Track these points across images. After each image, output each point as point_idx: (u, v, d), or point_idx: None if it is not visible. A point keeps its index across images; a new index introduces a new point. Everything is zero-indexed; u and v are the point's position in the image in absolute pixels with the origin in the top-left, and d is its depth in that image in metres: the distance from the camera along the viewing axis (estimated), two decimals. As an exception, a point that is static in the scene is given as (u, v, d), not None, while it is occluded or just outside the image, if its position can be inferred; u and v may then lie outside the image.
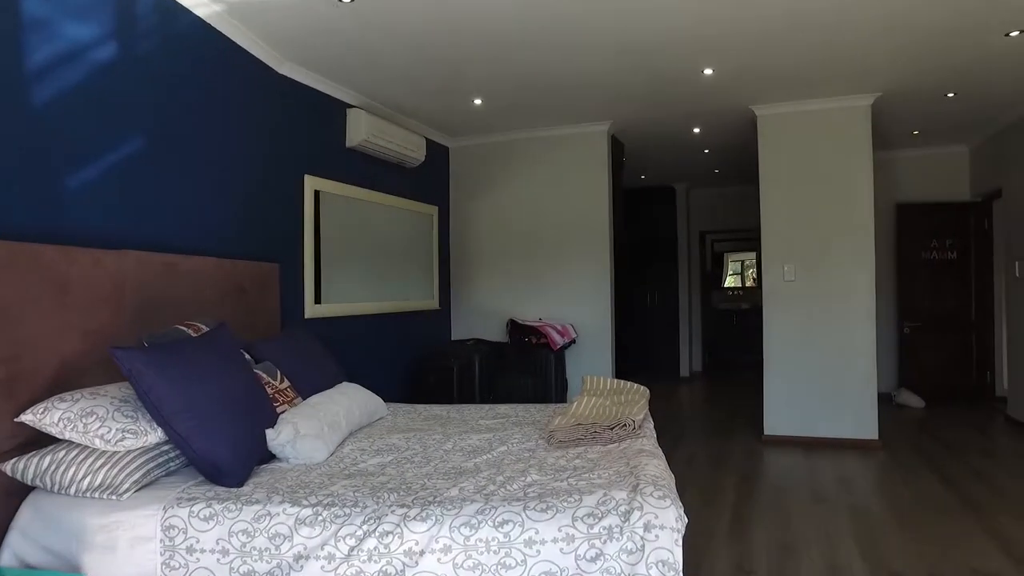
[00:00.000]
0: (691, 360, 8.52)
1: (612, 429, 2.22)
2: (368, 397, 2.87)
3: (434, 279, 5.49)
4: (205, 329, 2.50)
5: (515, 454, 2.20)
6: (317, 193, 4.10)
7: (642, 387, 2.91)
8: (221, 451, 1.88)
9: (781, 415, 4.73)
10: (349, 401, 2.63)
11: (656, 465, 1.84)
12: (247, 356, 2.64)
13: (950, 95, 4.47)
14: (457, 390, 4.76)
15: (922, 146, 6.13)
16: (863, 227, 4.53)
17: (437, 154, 5.56)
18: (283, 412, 2.40)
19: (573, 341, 5.18)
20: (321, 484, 1.91)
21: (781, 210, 4.75)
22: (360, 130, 4.34)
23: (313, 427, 2.27)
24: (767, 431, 4.78)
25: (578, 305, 5.31)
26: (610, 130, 5.27)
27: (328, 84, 4.14)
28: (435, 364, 4.86)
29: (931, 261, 6.12)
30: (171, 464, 1.96)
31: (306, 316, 3.98)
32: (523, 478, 1.86)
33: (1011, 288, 5.21)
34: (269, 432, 2.19)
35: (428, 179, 5.43)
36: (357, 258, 4.56)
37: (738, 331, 10.42)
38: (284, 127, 3.81)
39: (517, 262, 5.53)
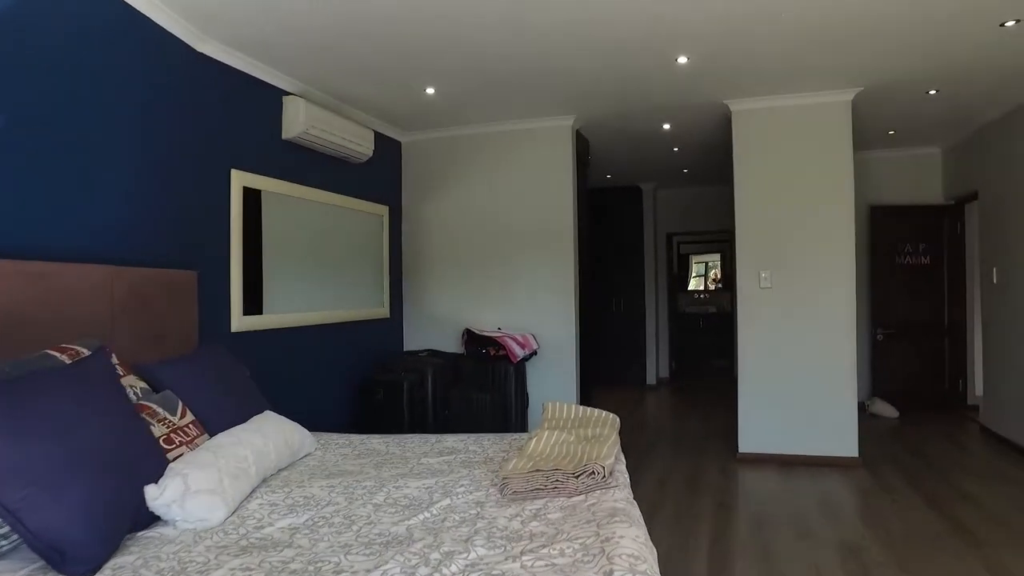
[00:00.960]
0: (658, 367, 8.24)
1: (577, 477, 1.84)
2: (291, 431, 2.43)
3: (384, 285, 5.05)
4: (86, 353, 2.03)
5: (460, 511, 1.79)
6: (247, 190, 3.62)
7: (612, 416, 2.54)
8: (68, 527, 1.43)
9: (756, 431, 4.44)
10: (263, 440, 2.19)
11: (634, 537, 1.46)
12: (141, 386, 2.18)
13: (932, 92, 4.23)
14: (408, 408, 4.33)
15: (896, 147, 5.94)
16: (844, 231, 4.26)
17: (387, 149, 5.12)
18: (178, 458, 1.95)
19: (534, 352, 4.80)
20: (204, 566, 1.47)
21: (757, 212, 4.45)
22: (298, 120, 3.87)
23: (209, 479, 1.82)
24: (742, 448, 4.47)
25: (541, 312, 4.93)
26: (575, 125, 4.90)
27: (260, 68, 3.67)
28: (384, 379, 4.41)
29: (904, 266, 5.93)
30: (2, 544, 1.50)
31: (233, 330, 3.50)
32: (465, 555, 1.46)
33: (988, 295, 5.02)
34: (150, 489, 1.73)
35: (378, 176, 4.98)
36: (296, 263, 4.09)
37: (705, 336, 10.21)
38: (205, 114, 3.33)
39: (475, 266, 5.12)
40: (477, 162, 5.12)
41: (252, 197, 3.71)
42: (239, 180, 3.55)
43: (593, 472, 1.83)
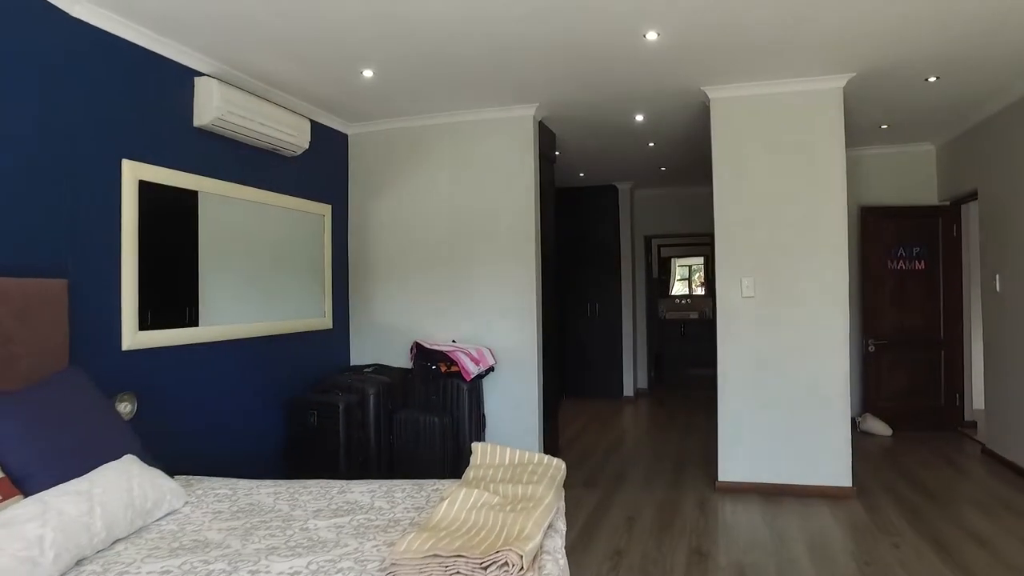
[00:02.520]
0: (636, 377, 7.76)
1: (486, 569, 1.34)
2: (145, 485, 1.90)
3: (326, 293, 4.52)
4: None
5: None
6: (145, 185, 3.09)
7: (555, 463, 2.06)
8: None
9: (739, 458, 3.96)
10: (89, 505, 1.66)
11: None
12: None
13: (932, 79, 3.79)
14: (344, 434, 3.81)
15: (887, 143, 5.51)
16: (835, 234, 3.80)
17: (330, 142, 4.60)
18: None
19: (491, 368, 4.29)
20: None
21: (738, 213, 3.99)
22: (211, 105, 3.34)
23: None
24: (722, 476, 3.99)
25: (500, 322, 4.43)
26: (537, 115, 4.41)
27: (165, 44, 3.14)
28: (317, 400, 3.89)
29: (897, 271, 5.50)
30: None
31: (125, 348, 2.96)
32: None
33: (989, 304, 4.59)
34: None
35: (318, 172, 4.45)
36: (215, 269, 3.56)
37: (687, 343, 9.77)
38: (87, 95, 2.80)
39: (429, 272, 4.61)
40: (430, 156, 4.61)
41: (164, 194, 3.19)
42: (133, 172, 3.01)
43: (507, 564, 1.33)
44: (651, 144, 5.46)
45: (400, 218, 4.68)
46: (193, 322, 3.42)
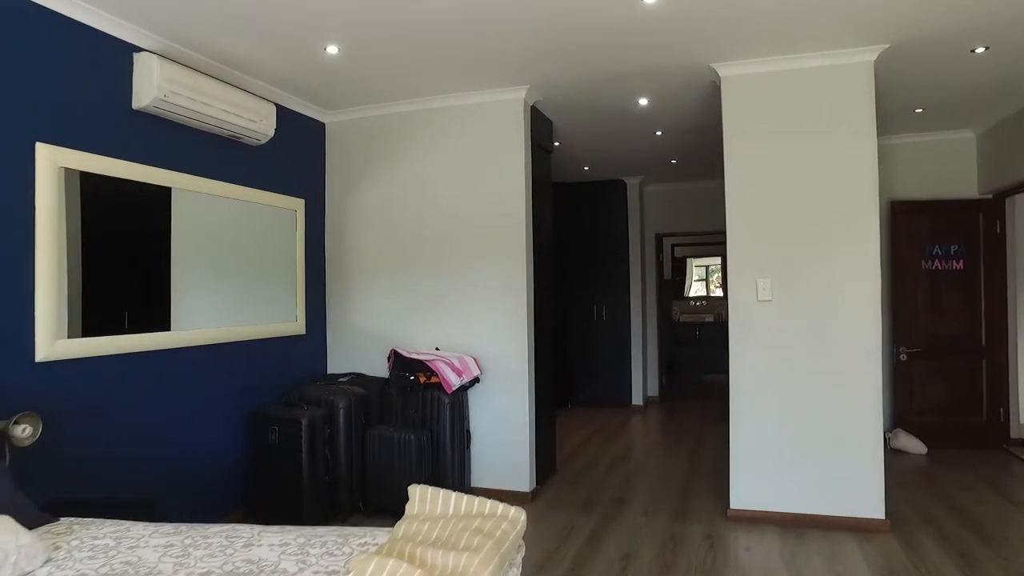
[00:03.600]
0: (645, 384, 7.28)
1: None
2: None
3: (298, 295, 4.12)
4: None
5: None
6: (85, 176, 2.73)
7: (512, 514, 1.61)
8: None
9: (753, 482, 3.49)
10: None
11: None
12: None
13: (979, 50, 3.29)
14: (307, 454, 3.40)
15: (921, 130, 4.99)
16: (865, 229, 3.32)
17: (303, 130, 4.20)
18: None
19: (476, 380, 3.87)
20: None
21: (753, 207, 3.52)
22: (150, 84, 2.96)
23: None
24: (734, 503, 3.52)
25: (488, 327, 4.00)
26: (528, 98, 3.97)
27: (93, 13, 2.77)
28: (278, 415, 3.49)
29: (932, 272, 4.97)
30: None
31: (40, 359, 2.59)
32: None
33: (1040, 308, 4.07)
34: None
35: (289, 163, 4.06)
36: (168, 268, 3.19)
37: (701, 348, 9.28)
38: (-15, 65, 2.43)
39: (411, 272, 4.20)
40: (413, 146, 4.20)
41: (106, 185, 2.83)
42: (52, 158, 2.64)
43: None
44: (658, 133, 4.99)
45: (381, 214, 4.28)
46: (141, 327, 3.05)
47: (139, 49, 3.00)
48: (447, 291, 4.10)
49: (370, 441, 3.66)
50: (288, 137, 4.03)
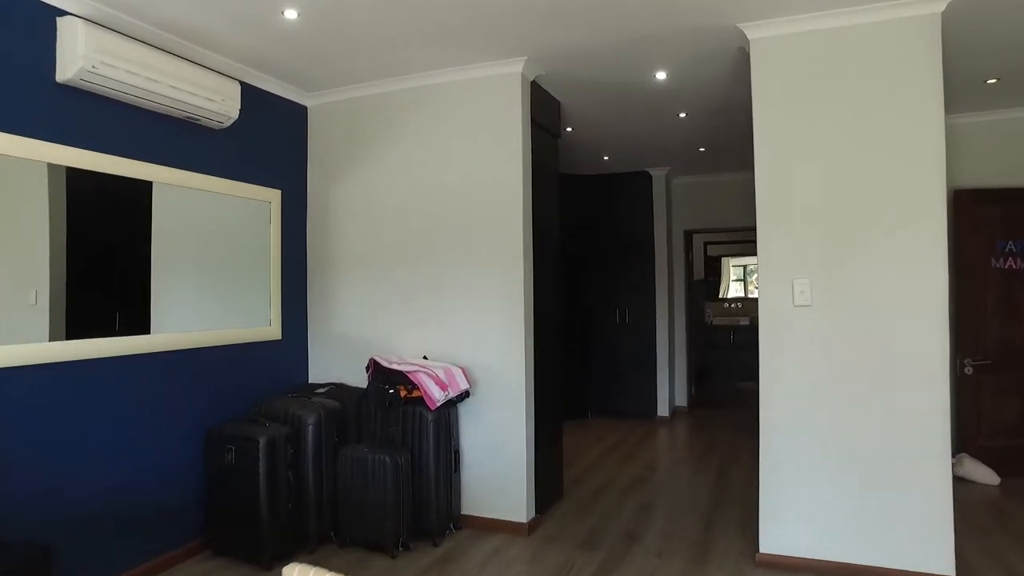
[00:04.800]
0: (672, 392, 6.70)
1: None
2: None
3: (272, 296, 3.72)
4: None
5: None
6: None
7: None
8: None
9: (787, 523, 2.92)
10: None
11: None
12: None
13: (1074, -5, 2.66)
14: (266, 479, 2.97)
15: (993, 106, 4.30)
16: (929, 220, 2.72)
17: (279, 114, 3.79)
18: None
19: (465, 394, 3.39)
20: None
21: (790, 194, 2.95)
22: (75, 53, 2.57)
23: None
24: (764, 546, 2.96)
25: (480, 333, 3.52)
26: (527, 72, 3.48)
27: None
28: (234, 434, 3.07)
29: (1004, 272, 4.29)
30: None
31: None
32: None
33: None
34: None
35: (261, 150, 3.65)
36: (105, 268, 2.81)
37: (736, 353, 8.61)
38: None
39: (400, 270, 3.75)
40: (401, 130, 3.75)
41: (27, 170, 2.46)
42: (-50, 137, 2.26)
43: None
44: (682, 115, 4.43)
45: (368, 206, 3.84)
46: (80, 332, 2.67)
47: (64, 13, 2.62)
48: (438, 292, 3.64)
49: (342, 463, 3.22)
50: (260, 121, 3.63)
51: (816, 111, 2.90)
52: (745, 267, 10.22)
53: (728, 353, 8.74)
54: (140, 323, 2.96)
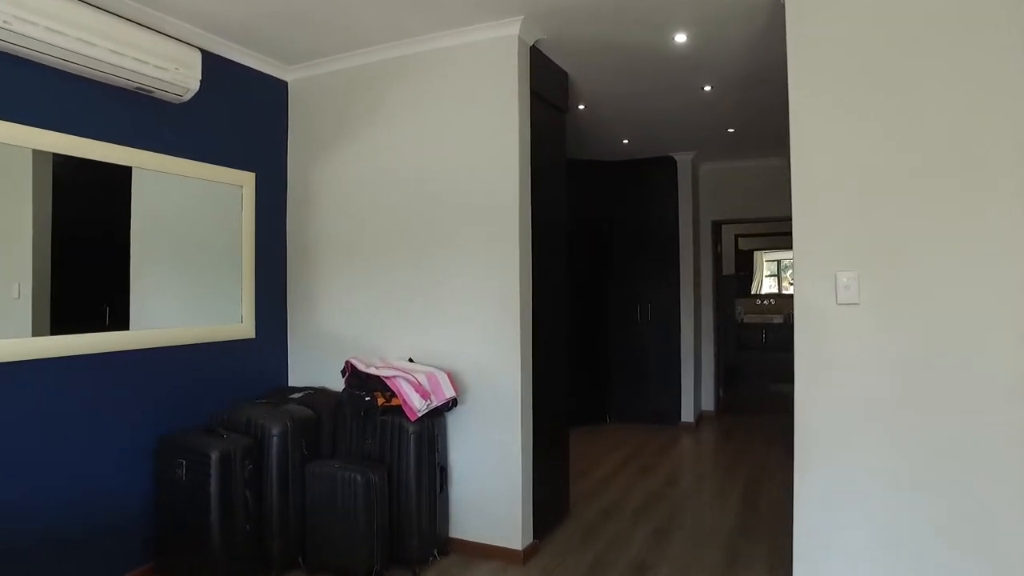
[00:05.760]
0: (698, 395, 6.21)
1: None
2: None
3: (244, 290, 3.36)
4: None
5: None
6: None
7: None
8: None
9: (829, 564, 2.43)
10: None
11: None
12: None
13: None
14: (219, 496, 2.61)
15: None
16: (1015, 197, 2.20)
17: (253, 87, 3.42)
18: None
19: (452, 402, 2.98)
20: None
21: (832, 169, 2.45)
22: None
23: None
24: (799, 590, 2.49)
25: (472, 334, 3.11)
26: (525, 34, 3.04)
27: None
28: (186, 446, 2.72)
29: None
30: None
31: None
32: None
33: None
34: None
35: (231, 128, 3.29)
36: (48, 256, 2.49)
37: (769, 354, 8.05)
38: None
39: (388, 264, 3.36)
40: (386, 105, 3.35)
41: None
42: None
43: None
44: (707, 88, 3.94)
45: (353, 191, 3.46)
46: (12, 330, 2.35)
47: (-18, -36, 2.27)
48: (430, 288, 3.23)
49: (310, 479, 2.84)
50: (231, 96, 3.26)
51: (868, 69, 2.39)
52: (779, 262, 9.63)
53: (760, 353, 8.17)
54: (93, 321, 2.63)
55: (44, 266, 2.52)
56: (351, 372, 3.04)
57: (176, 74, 2.83)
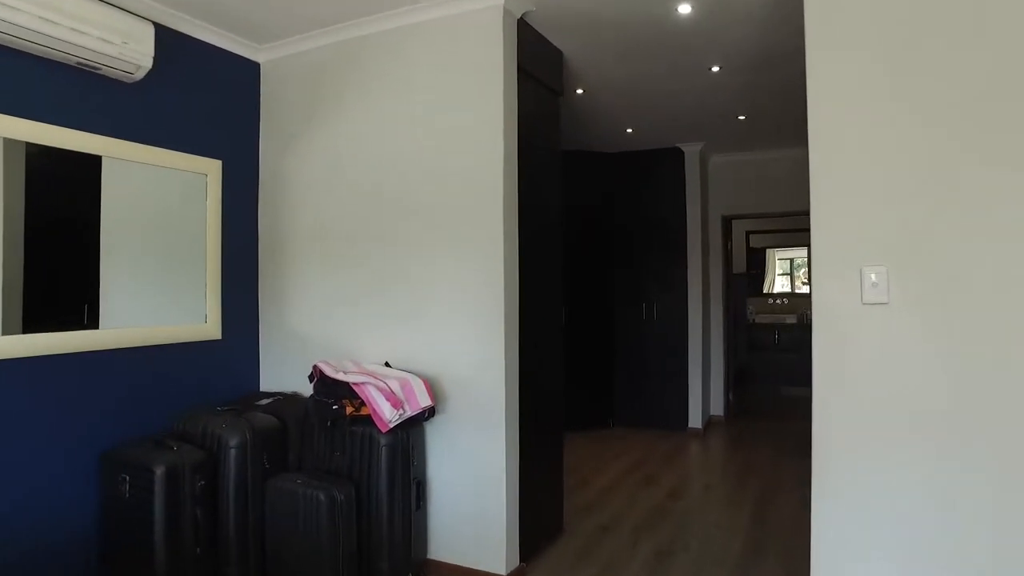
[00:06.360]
0: (707, 399, 5.90)
1: None
2: None
3: (209, 287, 3.09)
4: None
5: None
6: None
7: None
8: None
9: (848, 600, 2.13)
10: None
11: None
12: None
13: None
14: (164, 515, 2.34)
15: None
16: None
17: (219, 68, 3.15)
18: None
19: (429, 411, 2.69)
20: None
21: (856, 151, 2.13)
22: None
23: None
24: (816, 629, 2.18)
25: (453, 336, 2.83)
26: (512, 5, 2.75)
27: None
28: (129, 460, 2.45)
29: None
30: None
31: None
32: None
33: None
34: None
35: (193, 111, 3.02)
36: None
37: (782, 355, 7.72)
38: None
39: (366, 260, 3.08)
40: (362, 86, 3.08)
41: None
42: None
43: None
44: (715, 68, 3.63)
45: (329, 180, 3.18)
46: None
47: None
48: (408, 286, 2.95)
49: (271, 496, 2.57)
50: (193, 76, 3.00)
51: (899, 43, 2.07)
52: (792, 260, 9.29)
53: (772, 354, 7.85)
54: (45, 320, 2.38)
55: (16, 259, 2.28)
56: (319, 377, 2.76)
57: (124, 48, 2.56)
